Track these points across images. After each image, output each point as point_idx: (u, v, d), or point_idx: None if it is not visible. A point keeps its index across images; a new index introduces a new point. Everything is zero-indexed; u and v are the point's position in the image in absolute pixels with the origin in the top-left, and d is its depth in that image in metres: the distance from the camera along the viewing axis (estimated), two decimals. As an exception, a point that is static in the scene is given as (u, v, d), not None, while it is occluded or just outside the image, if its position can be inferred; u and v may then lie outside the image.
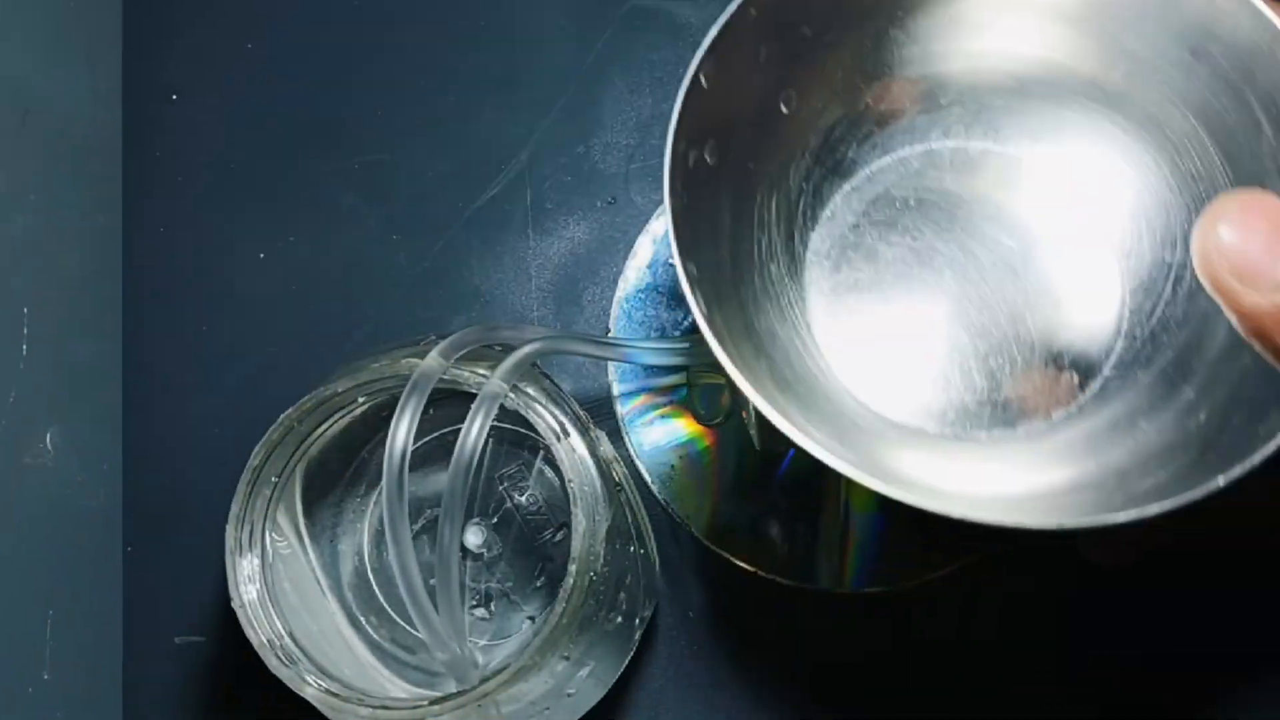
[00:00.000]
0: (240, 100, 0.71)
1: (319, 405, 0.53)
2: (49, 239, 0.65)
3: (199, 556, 0.66)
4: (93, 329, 0.68)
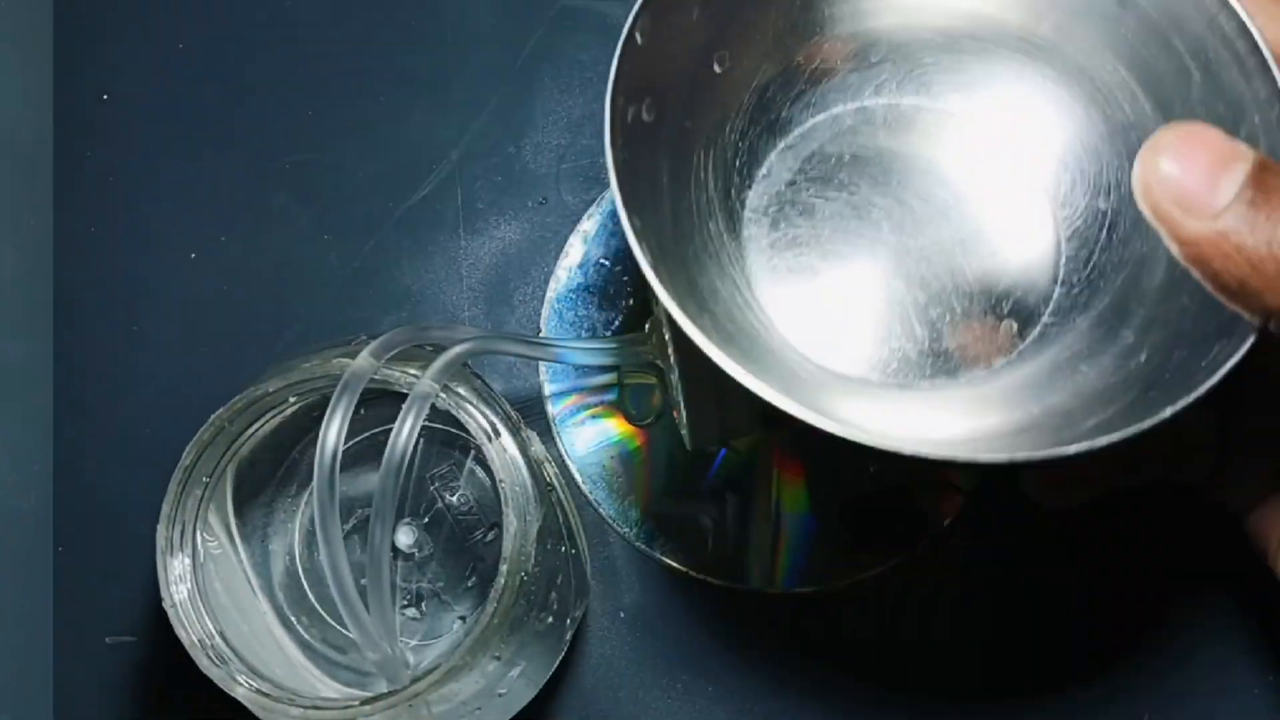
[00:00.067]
0: (171, 100, 0.71)
1: (250, 405, 0.53)
2: (-23, 239, 0.65)
3: (130, 557, 0.65)
4: (23, 330, 0.67)
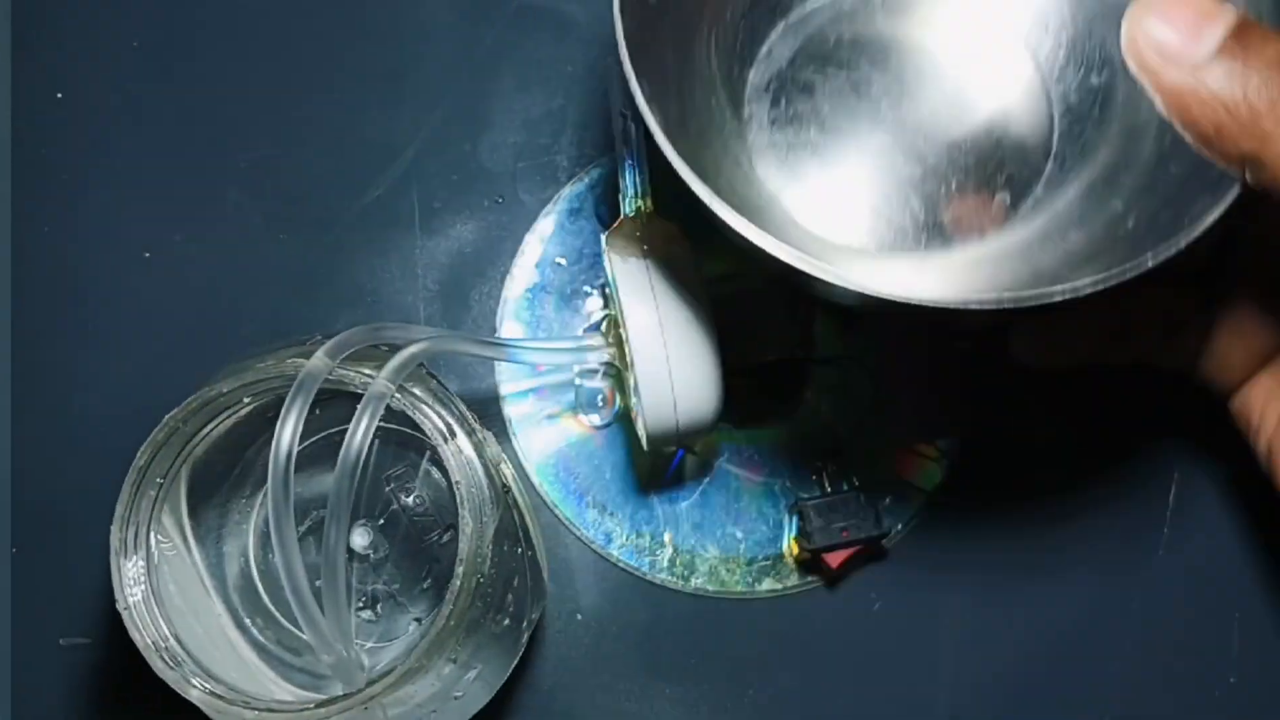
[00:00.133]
0: (127, 98, 0.70)
1: (204, 405, 0.52)
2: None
3: (85, 558, 0.65)
4: (-23, 329, 0.67)
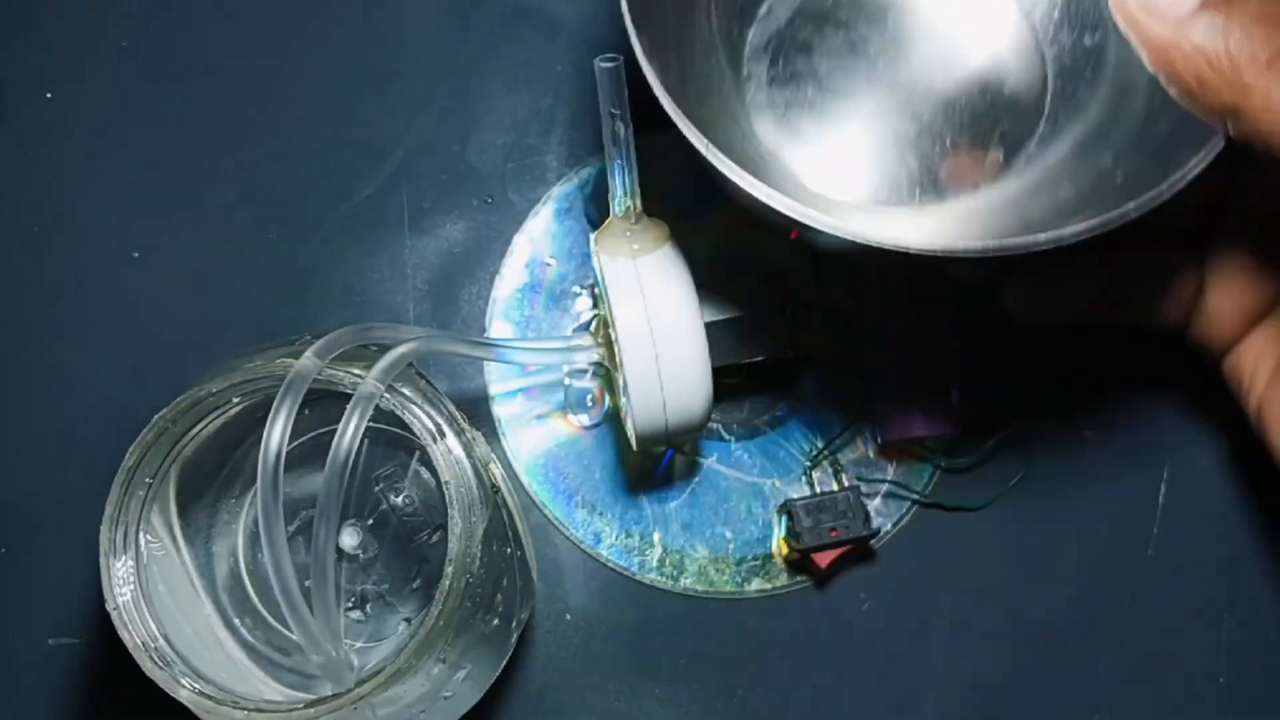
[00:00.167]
0: (115, 98, 0.70)
1: (193, 406, 0.52)
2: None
3: (73, 558, 0.65)
4: (-36, 330, 0.67)
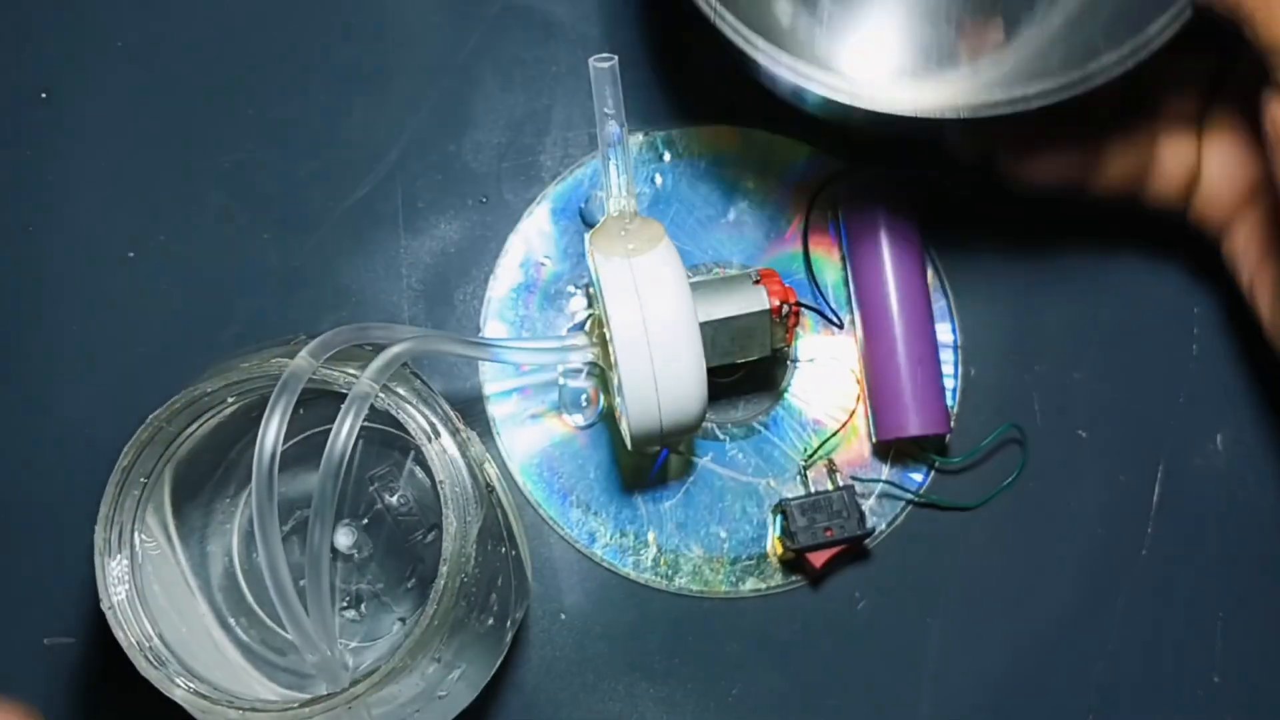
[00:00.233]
0: (110, 98, 0.70)
1: (188, 405, 0.52)
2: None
3: (68, 557, 0.65)
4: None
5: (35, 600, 0.66)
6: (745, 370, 0.65)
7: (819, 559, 0.63)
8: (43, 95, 0.70)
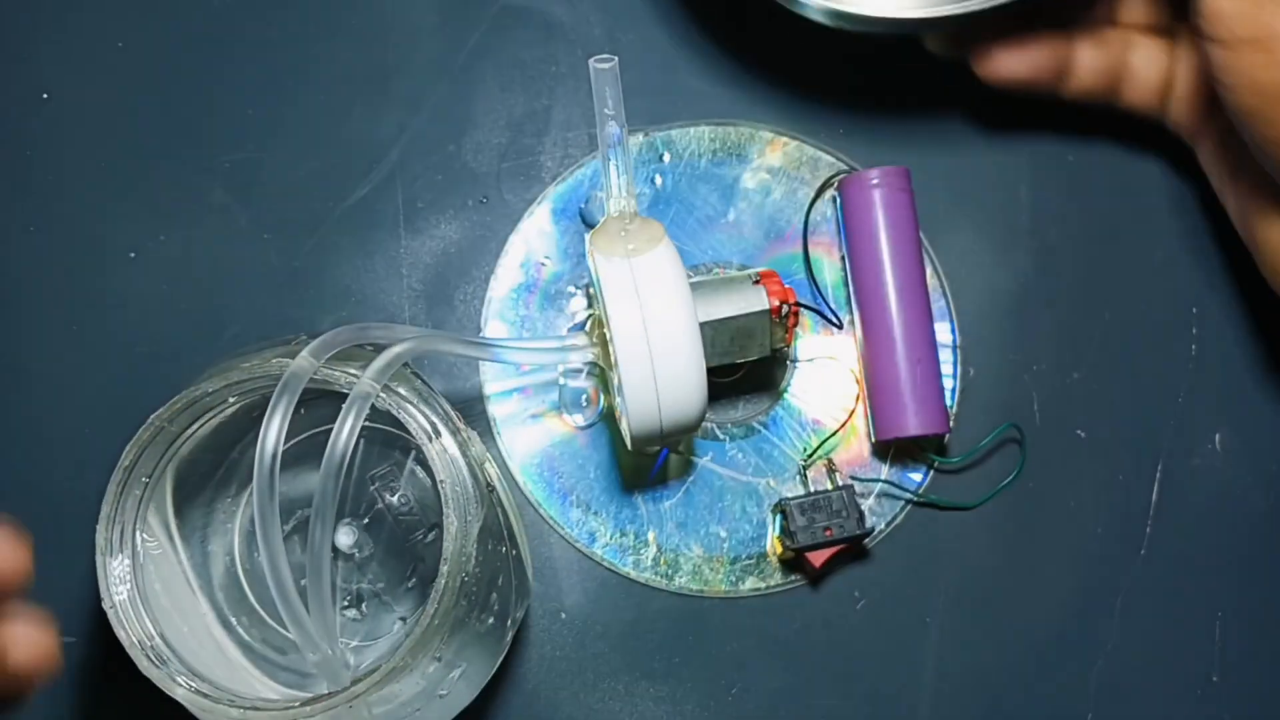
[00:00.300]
0: (111, 99, 0.70)
1: (189, 405, 0.52)
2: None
3: (69, 557, 0.65)
4: (-40, 329, 0.67)
5: (37, 599, 0.66)
6: (745, 370, 0.66)
7: (818, 558, 0.63)
8: (44, 95, 0.70)
